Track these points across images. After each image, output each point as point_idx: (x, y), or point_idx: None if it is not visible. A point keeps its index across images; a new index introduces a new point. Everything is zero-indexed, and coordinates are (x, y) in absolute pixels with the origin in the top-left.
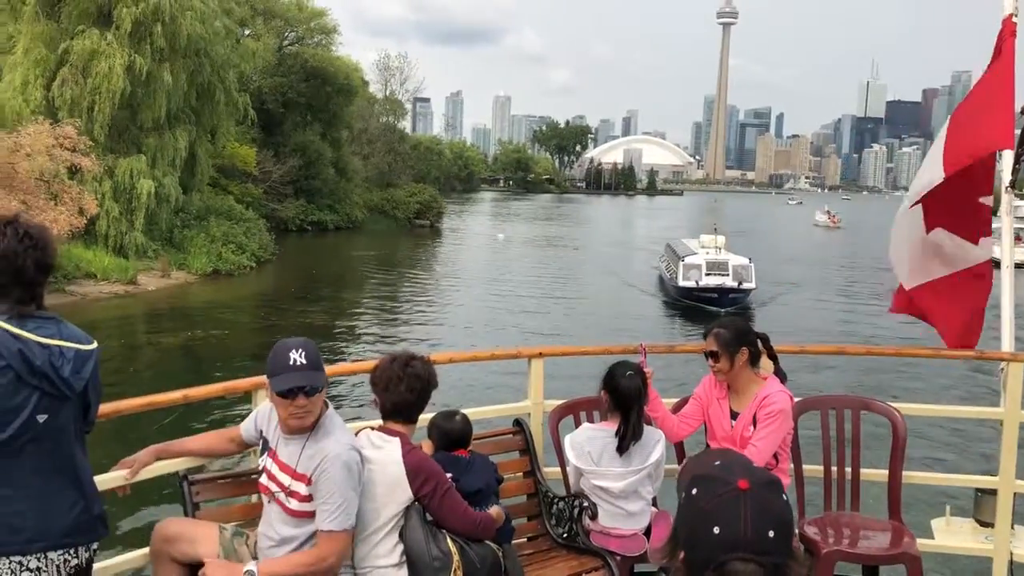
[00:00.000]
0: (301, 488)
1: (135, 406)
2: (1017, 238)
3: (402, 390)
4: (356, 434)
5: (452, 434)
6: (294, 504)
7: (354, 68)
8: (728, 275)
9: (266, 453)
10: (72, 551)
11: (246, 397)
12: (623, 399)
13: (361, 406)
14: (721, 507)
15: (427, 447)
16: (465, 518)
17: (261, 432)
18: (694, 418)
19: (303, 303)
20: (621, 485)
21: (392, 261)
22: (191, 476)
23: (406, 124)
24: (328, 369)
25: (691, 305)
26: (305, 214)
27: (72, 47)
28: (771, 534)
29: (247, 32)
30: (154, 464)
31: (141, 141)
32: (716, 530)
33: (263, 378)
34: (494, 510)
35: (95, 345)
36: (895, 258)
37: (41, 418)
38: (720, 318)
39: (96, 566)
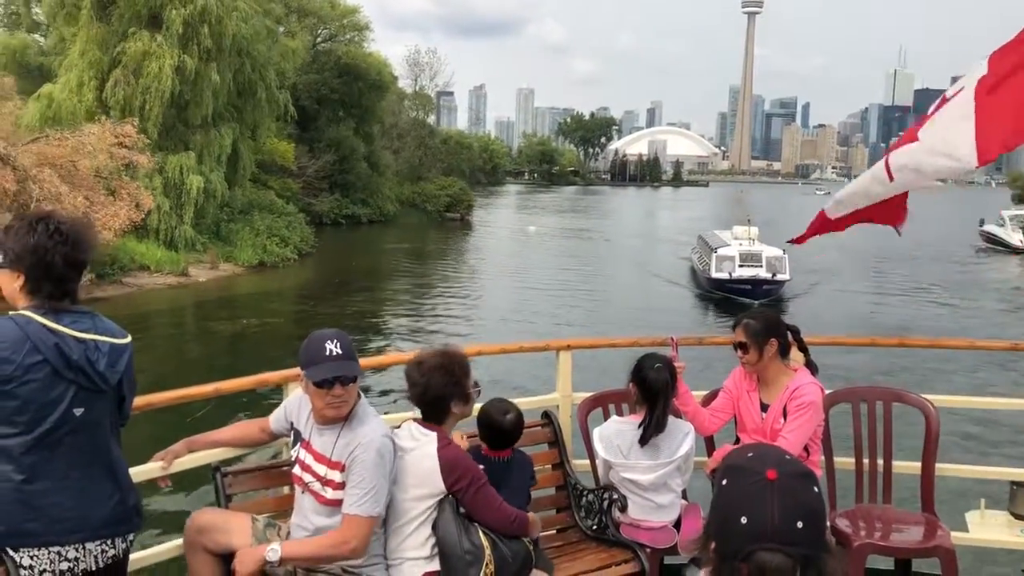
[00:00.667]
0: (336, 476)
1: (167, 399)
2: None
3: (414, 392)
4: (399, 425)
5: (499, 430)
6: (330, 493)
7: (384, 64)
8: (762, 266)
9: (299, 444)
10: (109, 542)
11: (278, 389)
12: (650, 391)
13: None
14: (749, 497)
15: (459, 439)
16: (500, 514)
17: (292, 424)
18: (724, 411)
19: (348, 293)
20: (650, 478)
21: (427, 254)
22: (224, 468)
23: (432, 118)
24: (366, 361)
25: (724, 297)
26: (339, 208)
27: (126, 49)
28: (799, 525)
29: (282, 30)
30: (187, 456)
31: (188, 138)
32: (744, 520)
33: (294, 371)
34: (531, 516)
35: (129, 339)
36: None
37: (78, 411)
38: (750, 310)
39: (132, 557)
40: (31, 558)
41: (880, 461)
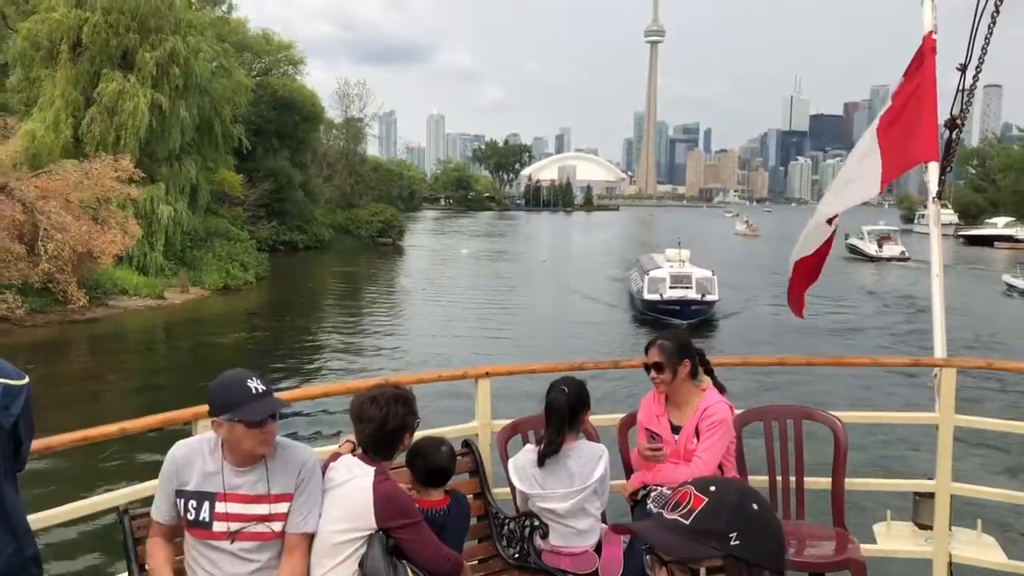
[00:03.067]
0: (284, 507)
1: (68, 441)
2: (887, 237)
3: (370, 427)
4: (335, 457)
5: (432, 466)
6: (276, 526)
7: (315, 96)
8: (691, 288)
9: (211, 500)
10: None
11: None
12: (547, 411)
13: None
14: (769, 505)
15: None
16: (437, 555)
17: (178, 490)
18: None
19: (314, 311)
20: (566, 505)
21: (370, 278)
22: (132, 510)
23: (362, 147)
24: (309, 391)
25: (654, 318)
26: (278, 235)
27: (104, 90)
28: None
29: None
30: (92, 500)
31: (155, 171)
32: (777, 521)
33: (204, 407)
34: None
35: (26, 380)
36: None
37: None
38: (661, 332)
39: None
40: None
41: (792, 478)
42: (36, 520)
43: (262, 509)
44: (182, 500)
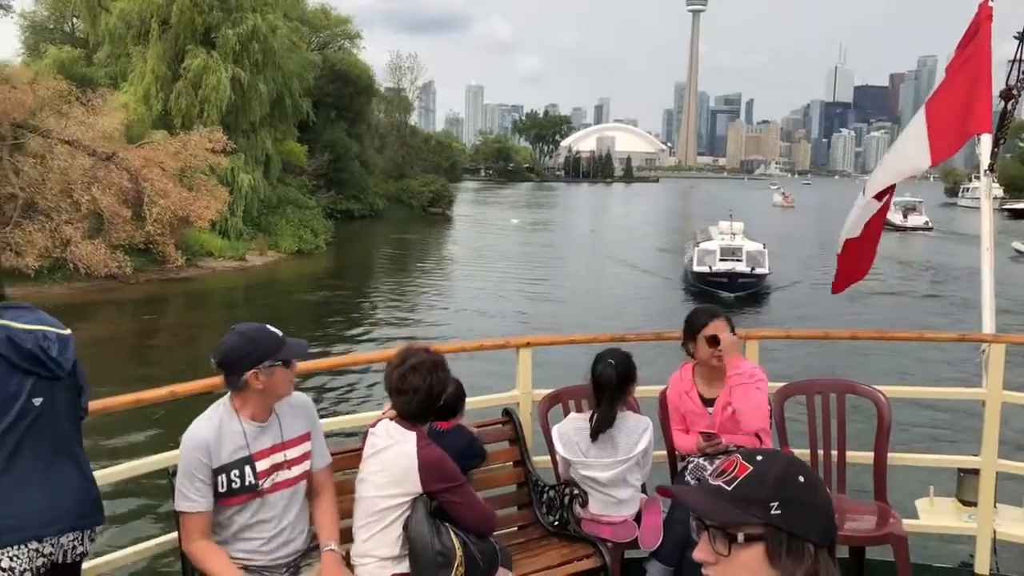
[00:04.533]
0: (306, 446)
1: (123, 403)
2: (912, 208)
3: (416, 397)
4: (375, 424)
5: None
6: (296, 471)
7: (369, 68)
8: (742, 260)
9: (252, 462)
10: (79, 537)
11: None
12: (596, 387)
13: None
14: (817, 479)
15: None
16: (480, 515)
17: (215, 471)
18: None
19: (381, 275)
20: (609, 475)
21: (428, 245)
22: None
23: (413, 119)
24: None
25: (704, 290)
26: (335, 203)
27: (190, 65)
28: None
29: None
30: (141, 461)
31: (235, 142)
32: (825, 496)
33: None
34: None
35: (70, 331)
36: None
37: (37, 401)
38: (708, 306)
39: (85, 566)
40: (11, 559)
41: (834, 452)
42: (101, 476)
43: (281, 457)
44: (222, 476)
